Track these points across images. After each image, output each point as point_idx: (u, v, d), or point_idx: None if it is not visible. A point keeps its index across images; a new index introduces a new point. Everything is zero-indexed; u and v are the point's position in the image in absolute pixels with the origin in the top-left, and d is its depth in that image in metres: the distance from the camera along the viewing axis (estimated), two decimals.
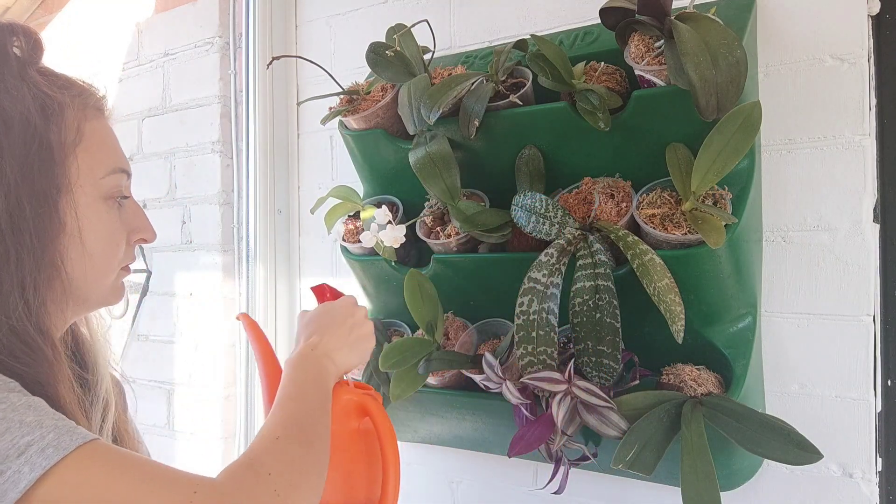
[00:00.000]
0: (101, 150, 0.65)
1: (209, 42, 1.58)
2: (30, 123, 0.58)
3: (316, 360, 0.75)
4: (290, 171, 1.52)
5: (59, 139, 0.60)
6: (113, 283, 0.68)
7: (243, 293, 1.49)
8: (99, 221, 0.63)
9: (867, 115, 0.92)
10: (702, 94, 0.78)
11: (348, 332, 0.80)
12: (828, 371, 0.95)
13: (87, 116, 0.64)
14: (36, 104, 0.59)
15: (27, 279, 0.57)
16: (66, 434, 0.49)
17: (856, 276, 0.93)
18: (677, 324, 0.81)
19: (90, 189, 0.63)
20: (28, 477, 0.46)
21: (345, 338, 0.79)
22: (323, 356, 0.75)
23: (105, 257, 0.65)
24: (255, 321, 0.88)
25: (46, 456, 0.47)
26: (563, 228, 0.91)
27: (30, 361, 0.56)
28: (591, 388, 0.85)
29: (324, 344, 0.77)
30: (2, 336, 0.56)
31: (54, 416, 0.51)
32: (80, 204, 0.62)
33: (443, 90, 0.98)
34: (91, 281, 0.64)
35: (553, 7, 1.16)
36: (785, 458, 0.77)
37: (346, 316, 0.81)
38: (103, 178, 0.64)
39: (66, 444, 0.49)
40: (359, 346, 0.80)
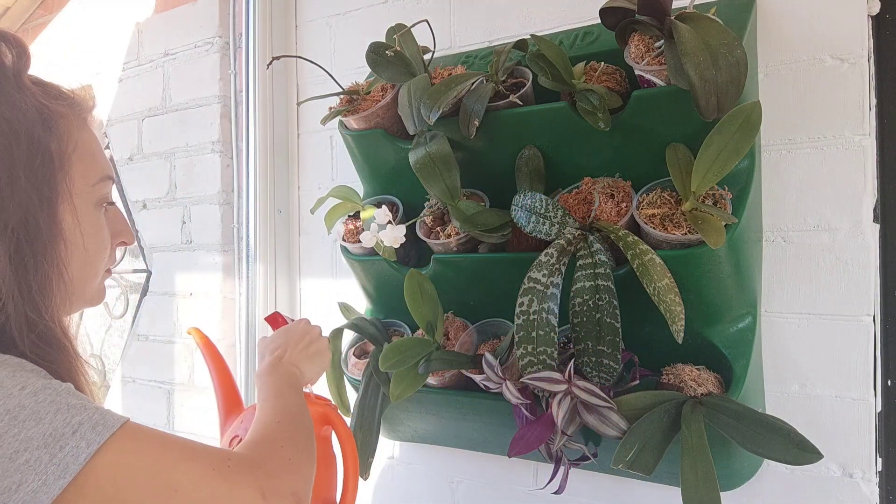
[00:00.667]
0: (92, 158, 0.67)
1: (209, 42, 1.58)
2: (34, 135, 0.60)
3: (284, 368, 0.84)
4: (290, 171, 1.52)
5: (58, 149, 0.63)
6: (98, 285, 0.71)
7: (243, 293, 1.49)
8: (93, 226, 0.67)
9: (867, 115, 0.92)
10: (702, 94, 0.78)
11: (307, 346, 0.89)
12: (828, 371, 0.95)
13: (78, 126, 0.66)
14: (38, 116, 0.61)
15: (45, 282, 0.61)
16: (108, 414, 0.55)
17: (856, 276, 0.93)
18: (677, 324, 0.81)
19: (85, 196, 0.66)
20: (86, 451, 0.52)
21: (304, 351, 0.89)
22: (290, 365, 0.85)
23: (96, 261, 0.68)
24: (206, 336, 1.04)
25: (98, 432, 0.53)
26: (563, 228, 0.91)
27: (55, 356, 0.61)
28: (591, 388, 0.85)
29: (288, 356, 0.87)
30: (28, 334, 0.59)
31: (90, 400, 0.56)
32: (77, 211, 0.65)
33: (443, 90, 0.98)
34: (84, 283, 0.67)
35: (553, 7, 1.16)
36: (785, 458, 0.77)
37: (303, 333, 0.91)
38: (95, 184, 0.67)
39: (112, 422, 0.54)
40: (317, 359, 0.90)
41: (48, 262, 0.61)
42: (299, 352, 0.88)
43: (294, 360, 0.86)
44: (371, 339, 1.15)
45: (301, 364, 0.87)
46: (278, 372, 0.83)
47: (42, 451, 0.51)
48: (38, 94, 0.63)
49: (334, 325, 1.19)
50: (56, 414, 0.52)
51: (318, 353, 0.90)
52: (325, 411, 0.92)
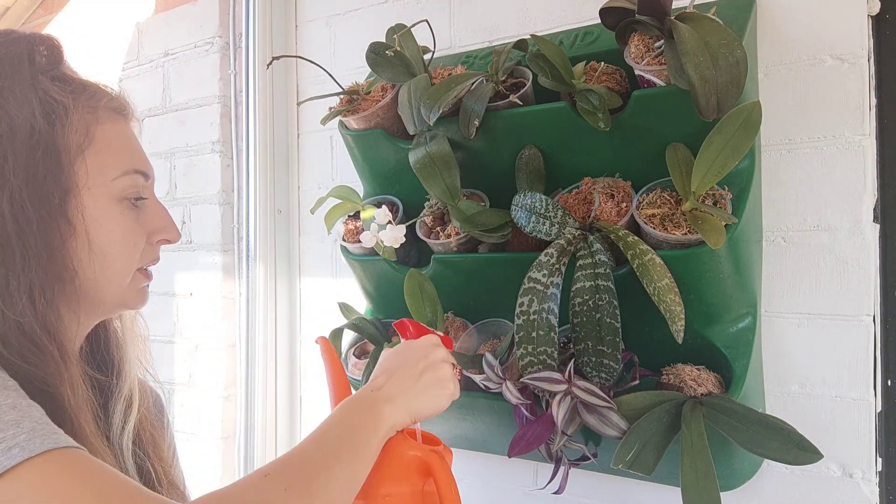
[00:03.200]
0: (113, 151, 0.65)
1: (209, 42, 1.58)
2: (34, 129, 0.59)
3: (373, 403, 0.67)
4: (290, 171, 1.52)
5: (65, 143, 0.61)
6: (130, 286, 0.67)
7: (243, 293, 1.49)
8: (112, 223, 0.64)
9: (867, 115, 0.92)
10: (702, 94, 0.78)
11: (418, 375, 0.71)
12: (828, 371, 0.95)
13: (98, 119, 0.65)
14: (41, 109, 0.60)
15: (34, 282, 0.58)
16: (39, 437, 0.48)
17: (856, 276, 0.93)
18: (677, 324, 0.81)
19: (101, 191, 0.63)
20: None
21: (413, 382, 0.70)
22: (384, 400, 0.67)
23: (118, 259, 0.65)
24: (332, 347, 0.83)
25: (11, 456, 0.46)
26: (563, 228, 0.91)
27: (36, 361, 0.57)
28: (591, 388, 0.85)
29: (388, 387, 0.69)
30: (10, 335, 0.56)
31: (38, 420, 0.50)
32: (89, 206, 0.62)
33: (443, 90, 0.98)
34: (105, 283, 0.64)
35: (553, 7, 1.16)
36: (785, 458, 0.77)
37: (419, 358, 0.73)
38: (115, 179, 0.64)
39: (35, 446, 0.47)
40: (429, 392, 0.71)
41: (42, 261, 0.58)
42: (405, 382, 0.70)
43: (393, 394, 0.68)
44: (371, 339, 1.15)
45: (402, 398, 0.68)
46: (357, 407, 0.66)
47: None
48: (52, 89, 0.62)
49: (334, 325, 1.19)
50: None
51: (430, 384, 0.71)
52: (428, 460, 0.69)
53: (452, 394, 0.73)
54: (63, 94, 0.62)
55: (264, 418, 1.49)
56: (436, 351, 0.75)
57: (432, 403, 0.71)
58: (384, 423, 0.66)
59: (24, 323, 0.57)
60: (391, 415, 0.66)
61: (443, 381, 0.72)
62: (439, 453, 0.70)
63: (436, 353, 0.74)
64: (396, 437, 0.68)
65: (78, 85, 0.65)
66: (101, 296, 0.65)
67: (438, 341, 0.77)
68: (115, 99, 0.68)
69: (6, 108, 0.59)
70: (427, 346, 0.75)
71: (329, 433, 0.63)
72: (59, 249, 0.60)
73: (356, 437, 0.63)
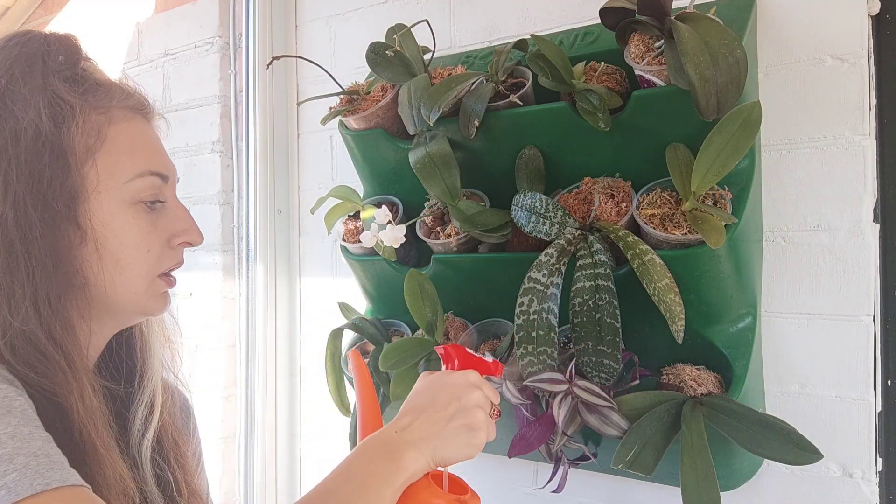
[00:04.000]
0: (127, 152, 0.62)
1: (209, 42, 1.58)
2: (40, 131, 0.57)
3: (395, 449, 0.61)
4: (290, 171, 1.52)
5: (72, 145, 0.58)
6: (149, 290, 0.64)
7: (243, 293, 1.49)
8: (124, 228, 0.61)
9: (867, 115, 0.92)
10: (702, 94, 0.78)
11: (447, 419, 0.64)
12: (828, 371, 0.95)
13: (111, 119, 0.62)
14: (47, 111, 0.58)
15: (39, 289, 0.56)
16: (30, 477, 0.44)
17: (856, 276, 0.93)
18: (677, 324, 0.81)
19: (113, 194, 0.61)
20: None
21: (441, 427, 0.64)
22: (406, 445, 0.61)
23: (132, 266, 0.62)
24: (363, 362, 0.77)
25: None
26: (563, 228, 0.91)
27: (44, 371, 0.55)
28: (592, 387, 0.85)
29: (414, 429, 0.63)
30: (17, 343, 0.55)
31: (35, 453, 0.47)
32: (99, 211, 0.60)
33: (443, 90, 0.98)
34: (119, 290, 0.62)
35: (553, 7, 1.16)
36: (785, 458, 0.77)
37: (452, 398, 0.66)
38: (129, 181, 0.62)
39: (23, 488, 0.43)
40: (458, 440, 0.64)
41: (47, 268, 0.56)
42: (433, 425, 0.63)
43: (419, 438, 0.62)
44: (371, 339, 1.15)
45: (428, 444, 0.62)
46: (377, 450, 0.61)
47: None
48: (62, 89, 0.59)
49: (334, 326, 1.19)
50: None
51: (461, 430, 0.65)
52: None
53: (482, 444, 0.67)
54: (72, 94, 0.60)
55: (264, 418, 1.49)
56: (471, 393, 0.67)
57: (460, 452, 0.65)
58: (404, 473, 0.60)
59: (28, 331, 0.55)
60: (413, 463, 0.61)
61: (473, 430, 0.65)
62: (465, 500, 0.64)
63: (471, 395, 0.67)
64: (421, 482, 0.62)
65: (91, 84, 0.62)
66: (115, 303, 0.63)
67: (478, 379, 0.69)
68: (131, 97, 0.66)
69: (12, 111, 0.57)
70: (463, 386, 0.67)
71: (342, 484, 0.58)
72: (66, 256, 0.58)
73: (370, 488, 0.58)
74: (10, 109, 0.57)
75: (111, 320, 0.65)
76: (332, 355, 1.18)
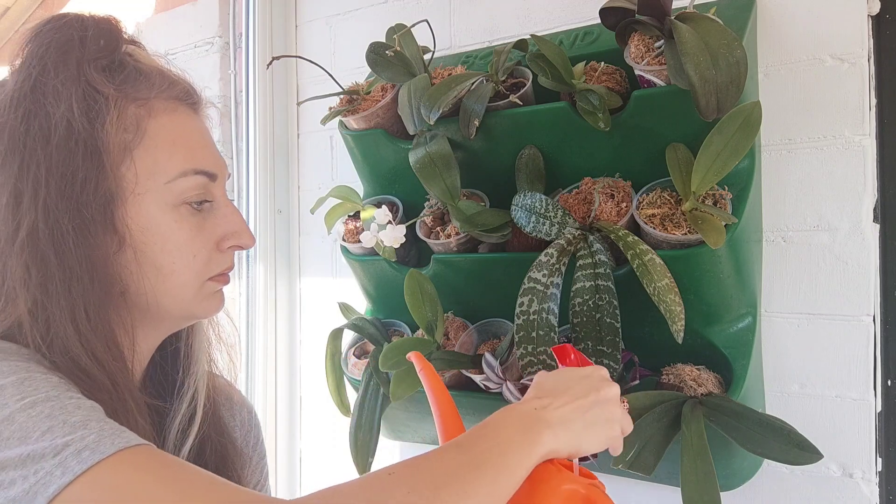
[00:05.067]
0: (169, 149, 0.56)
1: (209, 42, 1.58)
2: (72, 128, 0.52)
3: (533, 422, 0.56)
4: (290, 171, 1.52)
5: (107, 142, 0.53)
6: (199, 295, 0.60)
7: (243, 293, 1.49)
8: (167, 232, 0.56)
9: (867, 115, 0.92)
10: (702, 94, 0.78)
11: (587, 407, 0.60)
12: (828, 371, 0.95)
13: (152, 111, 0.56)
14: (81, 104, 0.53)
15: (77, 304, 0.52)
16: (109, 437, 0.44)
17: (856, 276, 0.93)
18: (677, 324, 0.81)
19: (154, 196, 0.56)
20: (59, 481, 0.41)
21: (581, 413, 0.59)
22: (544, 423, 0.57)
23: (179, 270, 0.57)
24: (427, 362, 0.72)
25: (82, 459, 0.42)
26: (563, 228, 0.91)
27: (89, 389, 0.51)
28: None
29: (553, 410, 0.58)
30: (59, 361, 0.51)
31: (104, 420, 0.46)
32: (138, 214, 0.55)
33: (443, 90, 0.98)
34: (163, 295, 0.57)
35: (553, 7, 1.16)
36: (785, 458, 0.77)
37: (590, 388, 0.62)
38: (171, 181, 0.56)
39: (106, 447, 0.43)
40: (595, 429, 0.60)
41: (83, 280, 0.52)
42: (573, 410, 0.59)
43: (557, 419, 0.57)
44: (371, 339, 1.15)
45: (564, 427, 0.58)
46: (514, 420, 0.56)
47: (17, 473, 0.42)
48: (97, 80, 0.54)
49: (334, 326, 1.19)
50: (45, 433, 0.43)
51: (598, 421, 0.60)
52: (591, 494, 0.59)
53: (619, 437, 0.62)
54: (108, 84, 0.54)
55: (264, 418, 1.49)
56: (609, 387, 0.63)
57: (596, 441, 0.60)
58: (540, 448, 0.55)
59: (68, 349, 0.51)
60: (550, 441, 0.56)
61: (611, 422, 0.61)
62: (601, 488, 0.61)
63: (609, 389, 0.63)
64: (548, 466, 0.58)
65: (131, 72, 0.57)
66: (159, 310, 0.58)
67: (607, 375, 0.66)
68: (175, 85, 0.59)
69: (43, 105, 0.52)
70: (599, 379, 0.63)
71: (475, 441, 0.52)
72: (103, 265, 0.53)
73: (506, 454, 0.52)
74: (40, 104, 0.53)
75: (158, 327, 0.61)
76: (332, 355, 1.18)
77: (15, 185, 0.52)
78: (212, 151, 0.61)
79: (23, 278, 0.52)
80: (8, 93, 0.54)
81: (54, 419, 0.44)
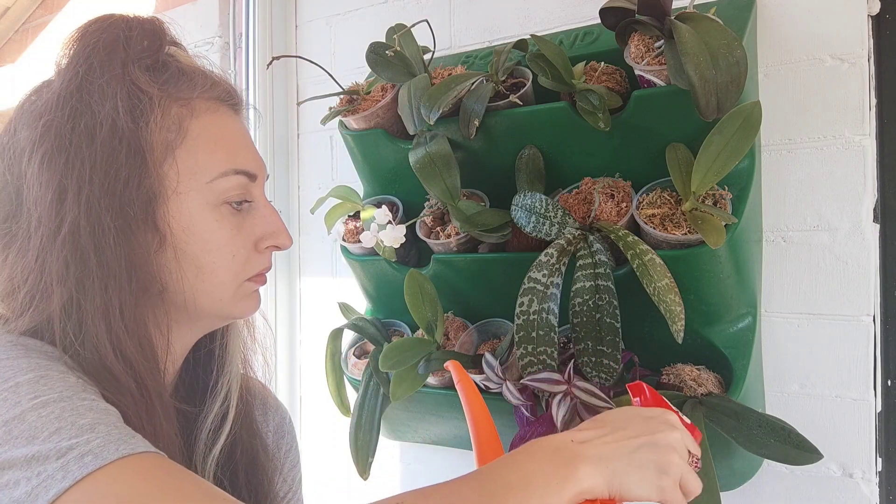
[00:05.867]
0: (210, 149, 0.57)
1: (209, 42, 1.58)
2: (116, 126, 0.53)
3: (569, 457, 0.50)
4: (290, 171, 1.52)
5: (151, 141, 0.54)
6: (236, 295, 0.60)
7: None
8: (206, 232, 0.56)
9: (867, 115, 0.92)
10: (702, 94, 0.78)
11: (635, 447, 0.53)
12: (828, 371, 0.95)
13: (194, 111, 0.57)
14: (126, 104, 0.53)
15: (112, 301, 0.52)
16: (115, 442, 0.44)
17: (856, 276, 0.93)
18: (677, 324, 0.81)
19: (195, 195, 0.56)
20: (59, 485, 0.41)
21: (627, 451, 0.52)
22: (583, 458, 0.50)
23: (215, 273, 0.58)
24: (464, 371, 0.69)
25: (84, 464, 0.42)
26: (563, 228, 0.91)
27: (114, 391, 0.51)
28: (590, 388, 0.85)
29: (594, 444, 0.52)
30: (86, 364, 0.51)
31: (114, 424, 0.46)
32: (180, 213, 0.55)
33: (443, 90, 0.98)
34: (201, 295, 0.58)
35: (553, 7, 1.16)
36: (785, 458, 0.77)
37: (645, 430, 0.54)
38: (212, 181, 0.57)
39: (110, 453, 0.43)
40: (642, 472, 0.52)
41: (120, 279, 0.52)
42: (618, 445, 0.52)
43: (598, 455, 0.51)
44: (371, 339, 1.15)
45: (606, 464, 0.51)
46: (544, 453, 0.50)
47: (21, 473, 0.42)
48: (141, 79, 0.55)
49: (334, 326, 1.19)
50: (53, 434, 0.43)
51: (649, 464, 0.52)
52: None
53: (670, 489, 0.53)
54: (152, 84, 0.55)
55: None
56: (668, 432, 0.55)
57: (642, 487, 0.52)
58: (575, 485, 0.49)
59: (97, 347, 0.51)
60: (588, 478, 0.49)
61: (662, 468, 0.53)
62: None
63: (667, 433, 0.55)
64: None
65: (174, 72, 0.58)
66: (196, 310, 0.58)
67: (677, 422, 0.58)
68: (216, 86, 0.60)
69: (89, 104, 0.53)
70: (659, 421, 0.56)
71: (496, 474, 0.48)
72: (142, 263, 0.54)
73: (531, 486, 0.47)
74: (86, 103, 0.53)
75: (193, 327, 0.61)
76: (332, 355, 1.18)
77: (60, 182, 0.52)
78: (252, 152, 0.62)
79: (60, 274, 0.51)
80: (55, 91, 0.55)
81: (63, 420, 0.44)
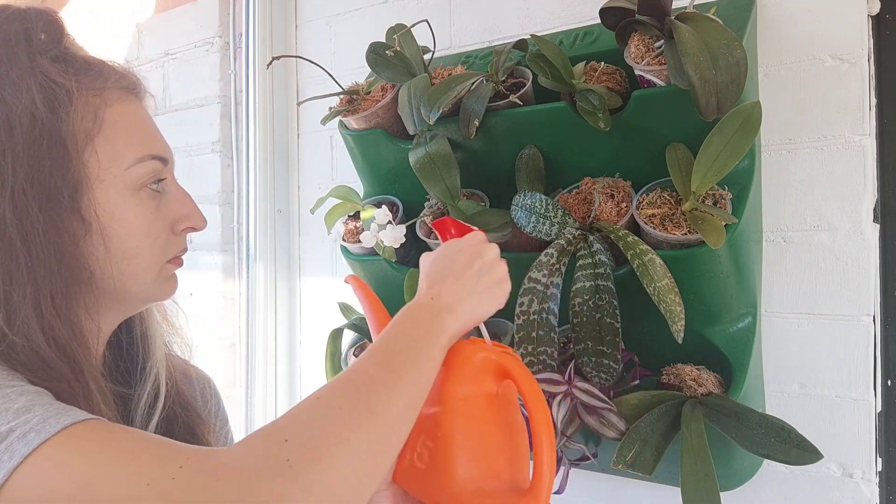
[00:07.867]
0: (126, 136, 0.59)
1: (209, 42, 1.58)
2: (35, 119, 0.53)
3: (434, 313, 0.60)
4: (290, 171, 1.52)
5: (71, 131, 0.55)
6: (157, 278, 0.62)
7: (243, 293, 1.49)
8: (129, 216, 0.58)
9: (867, 115, 0.92)
10: (702, 94, 0.78)
11: (476, 277, 0.64)
12: (828, 371, 0.95)
13: (107, 101, 0.59)
14: (42, 96, 0.54)
15: (42, 290, 0.53)
16: (54, 416, 0.45)
17: (856, 276, 0.93)
18: (677, 324, 0.81)
19: (116, 182, 0.58)
20: (7, 465, 0.42)
21: (472, 286, 0.63)
22: (443, 310, 0.61)
23: (140, 255, 0.60)
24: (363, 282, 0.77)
25: (27, 441, 0.43)
26: (563, 228, 0.91)
27: (48, 377, 0.52)
28: (590, 389, 0.85)
29: (446, 295, 0.62)
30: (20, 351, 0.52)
31: (49, 403, 0.47)
32: (105, 200, 0.57)
33: (443, 90, 0.98)
34: (128, 279, 0.60)
35: (553, 7, 1.16)
36: (785, 458, 0.77)
37: (472, 258, 0.65)
38: (130, 167, 0.59)
39: (51, 426, 0.44)
40: (489, 294, 0.65)
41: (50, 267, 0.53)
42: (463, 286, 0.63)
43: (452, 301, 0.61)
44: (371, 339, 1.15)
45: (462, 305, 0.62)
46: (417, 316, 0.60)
47: None
48: (52, 71, 0.56)
49: (334, 326, 1.19)
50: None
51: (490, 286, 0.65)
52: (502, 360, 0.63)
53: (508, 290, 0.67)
54: (65, 75, 0.56)
55: (264, 418, 1.49)
56: (488, 249, 0.67)
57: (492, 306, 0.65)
58: (444, 335, 0.59)
59: (29, 337, 0.52)
60: (452, 324, 0.60)
61: (499, 283, 0.66)
62: (513, 354, 0.65)
63: (489, 251, 0.66)
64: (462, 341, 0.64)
65: (82, 64, 0.59)
66: (123, 294, 0.60)
67: (485, 238, 0.69)
68: (124, 76, 0.62)
69: (2, 97, 0.54)
70: (478, 245, 0.67)
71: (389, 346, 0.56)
72: (71, 251, 0.55)
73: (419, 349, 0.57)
74: (0, 97, 0.54)
75: (117, 311, 0.63)
76: (332, 355, 1.18)
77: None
78: (161, 138, 0.65)
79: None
80: None
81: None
